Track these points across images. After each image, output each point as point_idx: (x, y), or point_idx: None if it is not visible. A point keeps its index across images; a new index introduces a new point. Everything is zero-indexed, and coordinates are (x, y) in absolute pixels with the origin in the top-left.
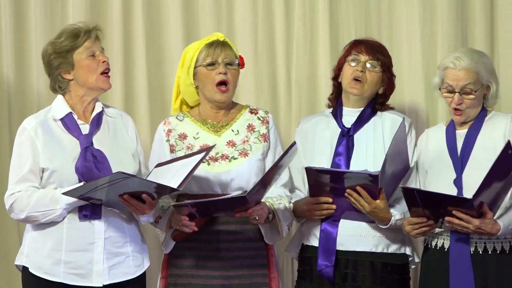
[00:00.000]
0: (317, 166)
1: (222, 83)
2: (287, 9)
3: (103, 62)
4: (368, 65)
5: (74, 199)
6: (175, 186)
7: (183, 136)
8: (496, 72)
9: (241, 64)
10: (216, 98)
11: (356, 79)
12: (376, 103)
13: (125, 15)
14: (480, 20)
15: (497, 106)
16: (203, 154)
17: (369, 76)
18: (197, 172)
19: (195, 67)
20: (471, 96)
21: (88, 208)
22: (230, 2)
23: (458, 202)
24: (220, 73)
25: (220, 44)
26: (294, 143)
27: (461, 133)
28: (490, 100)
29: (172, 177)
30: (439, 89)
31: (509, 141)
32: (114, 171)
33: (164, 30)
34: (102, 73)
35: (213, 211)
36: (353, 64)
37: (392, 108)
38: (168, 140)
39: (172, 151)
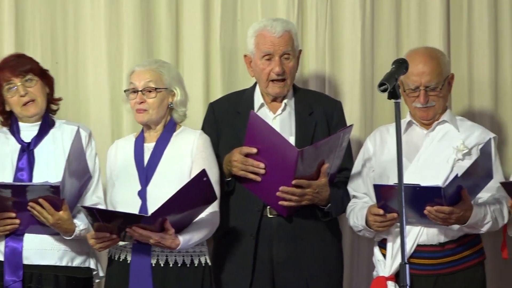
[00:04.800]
0: None
1: None
2: None
3: None
4: (25, 83)
5: None
6: None
7: None
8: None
9: None
10: None
11: (24, 104)
12: (48, 104)
13: None
14: (165, 36)
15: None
16: None
17: (34, 91)
18: None
19: None
20: (153, 96)
21: None
22: None
23: (135, 218)
24: None
25: None
26: None
27: (149, 146)
28: (176, 109)
29: None
30: (126, 91)
31: (204, 170)
32: None
33: None
34: None
35: None
36: (12, 91)
37: (60, 99)
38: None
39: None
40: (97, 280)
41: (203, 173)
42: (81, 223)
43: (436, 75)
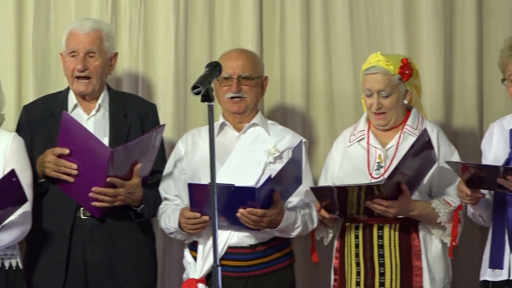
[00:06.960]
0: None
1: None
2: None
3: None
4: None
5: None
6: None
7: None
8: None
9: None
10: None
11: None
12: None
13: None
14: None
15: None
16: None
17: None
18: None
19: None
20: None
21: None
22: None
23: None
24: None
25: None
26: None
27: None
28: None
29: None
30: None
31: (13, 170)
32: None
33: None
34: None
35: None
36: None
37: None
38: None
39: None
40: None
41: (11, 173)
42: None
43: (249, 67)
